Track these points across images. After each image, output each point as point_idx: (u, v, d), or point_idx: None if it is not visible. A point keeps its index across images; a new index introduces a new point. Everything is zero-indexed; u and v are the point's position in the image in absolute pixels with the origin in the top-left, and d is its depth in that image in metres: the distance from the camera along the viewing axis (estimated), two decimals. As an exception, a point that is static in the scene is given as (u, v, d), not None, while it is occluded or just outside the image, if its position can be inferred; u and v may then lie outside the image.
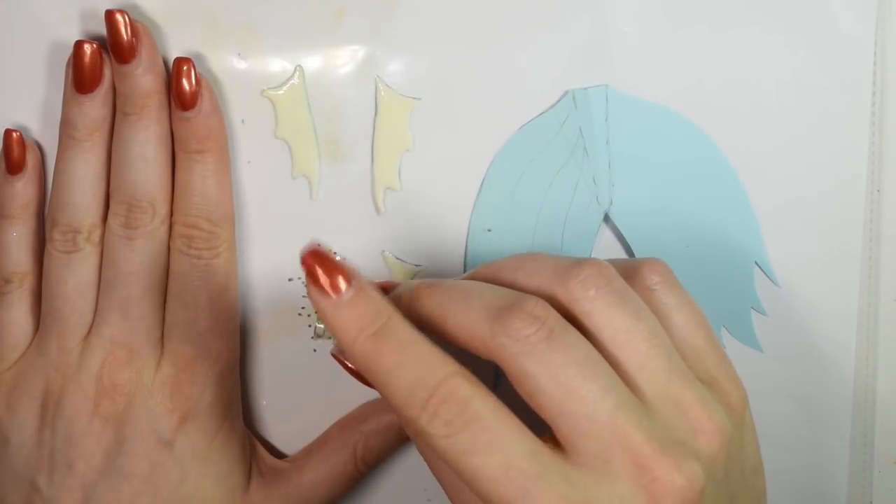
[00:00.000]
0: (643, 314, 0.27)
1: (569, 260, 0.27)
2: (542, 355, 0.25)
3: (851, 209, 0.35)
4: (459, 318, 0.26)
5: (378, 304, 0.26)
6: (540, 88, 0.34)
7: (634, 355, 0.26)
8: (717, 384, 0.28)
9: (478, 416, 0.25)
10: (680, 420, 0.26)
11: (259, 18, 0.34)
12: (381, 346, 0.26)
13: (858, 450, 0.37)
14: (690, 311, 0.28)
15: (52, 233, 0.33)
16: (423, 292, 0.28)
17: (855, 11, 0.34)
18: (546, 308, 0.26)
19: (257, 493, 0.34)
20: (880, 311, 0.36)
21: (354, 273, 0.27)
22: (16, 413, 0.33)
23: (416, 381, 0.25)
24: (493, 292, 0.27)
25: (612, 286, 0.27)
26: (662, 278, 0.28)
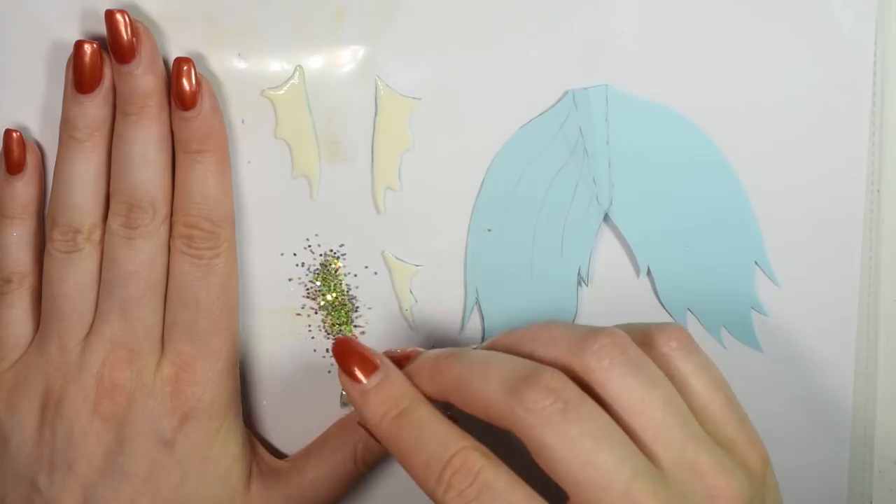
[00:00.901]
0: (658, 382, 0.27)
1: (584, 330, 0.28)
2: (559, 427, 0.26)
3: (851, 209, 0.35)
4: (478, 390, 0.27)
5: (401, 390, 0.29)
6: (540, 88, 0.34)
7: (650, 423, 0.27)
8: (737, 447, 0.28)
9: (489, 484, 0.26)
10: (697, 486, 0.26)
11: (259, 18, 0.34)
12: (401, 426, 0.28)
13: (858, 450, 0.37)
14: (708, 376, 0.29)
15: (53, 233, 0.33)
16: (443, 363, 0.29)
17: (855, 11, 0.34)
18: (562, 380, 0.26)
19: (257, 493, 0.34)
20: (880, 311, 0.36)
21: (381, 360, 0.30)
22: (16, 413, 0.33)
23: (431, 457, 0.27)
24: (511, 363, 0.28)
25: (627, 355, 0.27)
26: (679, 344, 0.29)
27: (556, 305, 0.35)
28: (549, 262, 0.35)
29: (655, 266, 0.35)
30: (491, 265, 0.35)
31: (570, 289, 0.35)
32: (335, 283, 0.35)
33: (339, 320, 0.36)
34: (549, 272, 0.35)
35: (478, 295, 0.35)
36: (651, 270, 0.35)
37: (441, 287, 0.36)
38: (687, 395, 0.28)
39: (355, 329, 0.36)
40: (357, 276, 0.36)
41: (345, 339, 0.30)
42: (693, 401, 0.28)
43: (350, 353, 0.30)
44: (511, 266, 0.35)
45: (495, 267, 0.35)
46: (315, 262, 0.35)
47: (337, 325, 0.36)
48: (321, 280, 0.35)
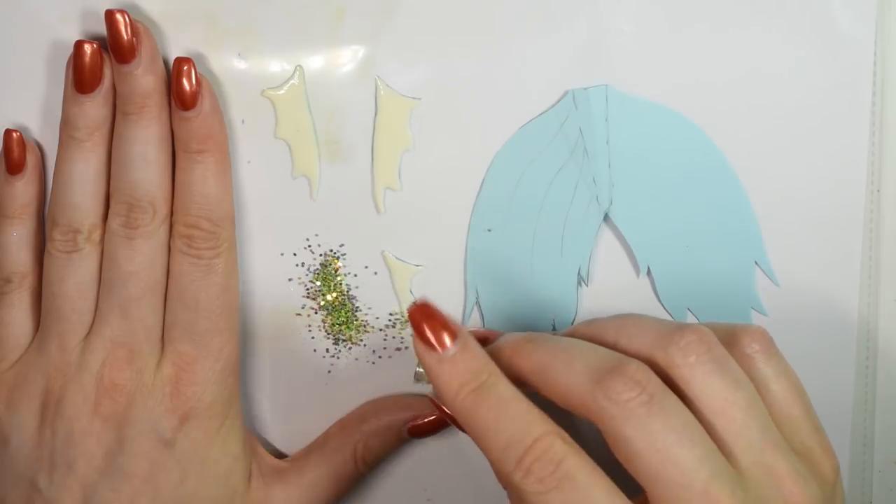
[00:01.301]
0: (741, 383, 0.27)
1: (671, 325, 0.28)
2: (641, 421, 0.26)
3: (851, 209, 0.35)
4: (560, 377, 0.27)
5: (480, 362, 0.28)
6: (540, 88, 0.34)
7: (731, 424, 0.26)
8: (811, 455, 0.28)
9: (570, 474, 0.25)
10: (773, 490, 0.26)
11: (259, 18, 0.34)
12: (480, 402, 0.27)
13: (858, 450, 0.37)
14: (788, 382, 0.29)
15: (53, 233, 0.33)
16: (525, 347, 0.29)
17: (855, 11, 0.34)
18: (647, 373, 0.26)
19: (257, 493, 0.34)
20: (880, 311, 0.36)
21: (460, 329, 0.28)
22: (16, 413, 0.33)
23: (512, 439, 0.26)
24: (595, 353, 0.28)
25: (713, 353, 0.27)
26: (762, 346, 0.29)
27: (556, 305, 0.35)
28: (549, 262, 0.35)
29: (655, 266, 0.35)
30: (491, 265, 0.35)
31: (570, 289, 0.35)
32: (335, 283, 0.35)
33: (339, 320, 0.36)
34: (549, 272, 0.35)
35: (478, 295, 0.35)
36: (651, 270, 0.35)
37: (441, 287, 0.36)
38: (766, 398, 0.28)
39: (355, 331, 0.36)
40: (357, 276, 0.36)
41: (424, 303, 0.29)
42: (772, 405, 0.28)
43: (429, 318, 0.28)
44: (511, 266, 0.35)
45: (495, 267, 0.35)
46: (315, 262, 0.35)
47: (337, 325, 0.36)
48: (321, 280, 0.35)
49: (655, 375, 0.26)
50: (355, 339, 0.36)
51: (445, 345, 0.28)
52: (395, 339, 0.36)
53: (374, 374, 0.36)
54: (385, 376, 0.36)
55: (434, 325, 0.28)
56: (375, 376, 0.36)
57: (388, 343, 0.36)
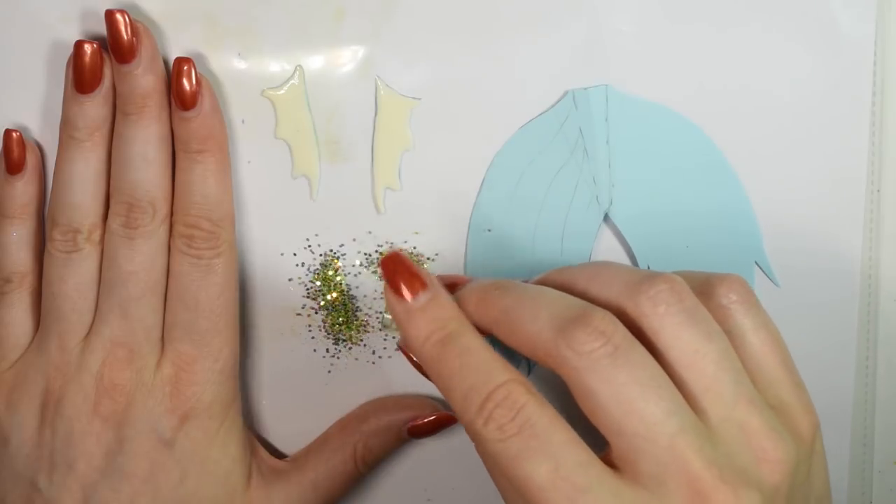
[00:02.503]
0: (713, 335, 0.26)
1: (641, 274, 0.27)
2: (606, 372, 0.25)
3: (851, 209, 0.35)
4: (525, 326, 0.27)
5: (448, 312, 0.28)
6: (540, 88, 0.34)
7: (701, 377, 0.26)
8: (788, 411, 0.27)
9: (531, 422, 0.25)
10: (744, 447, 0.25)
11: (259, 18, 0.34)
12: (445, 351, 0.27)
13: (858, 450, 0.37)
14: (767, 334, 0.28)
15: (53, 232, 0.33)
16: (492, 294, 0.28)
17: (855, 11, 0.34)
18: (613, 323, 0.25)
19: (257, 493, 0.34)
20: (880, 311, 0.36)
21: (430, 279, 0.28)
22: (16, 413, 0.33)
23: (473, 386, 0.26)
24: (562, 301, 0.27)
25: (684, 304, 0.26)
26: (740, 297, 0.28)
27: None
28: (549, 262, 0.35)
29: (655, 266, 0.35)
30: (491, 265, 0.35)
31: (570, 289, 0.35)
32: (335, 283, 0.35)
33: (338, 320, 0.36)
34: None
35: (478, 295, 0.35)
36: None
37: (441, 287, 0.36)
38: (742, 351, 0.27)
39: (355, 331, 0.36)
40: (357, 276, 0.36)
41: (395, 254, 0.29)
42: (748, 358, 0.27)
43: (399, 268, 0.28)
44: (511, 266, 0.35)
45: (495, 267, 0.35)
46: (315, 262, 0.35)
47: (337, 325, 0.36)
48: (321, 280, 0.35)
49: (622, 325, 0.26)
50: (355, 339, 0.36)
51: (415, 294, 0.28)
52: (395, 339, 0.36)
53: (374, 374, 0.36)
54: (385, 376, 0.36)
55: (405, 275, 0.28)
56: (375, 376, 0.36)
57: (388, 343, 0.36)
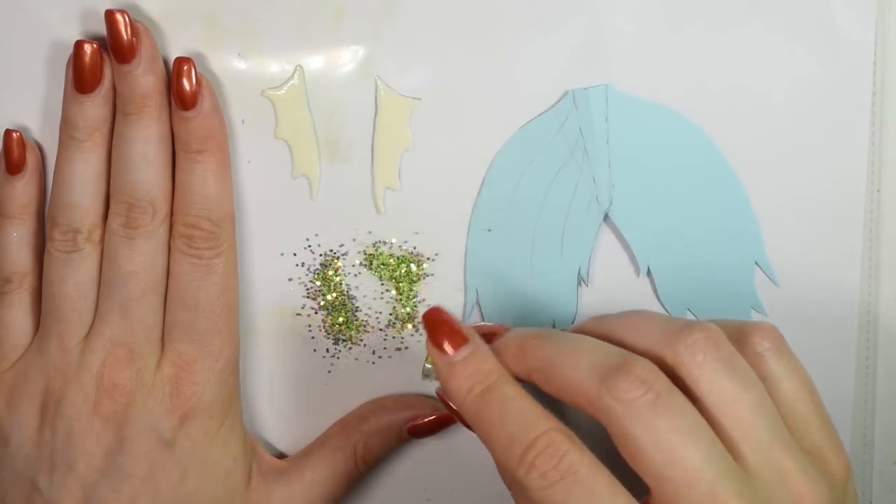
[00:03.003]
0: (750, 382, 0.27)
1: (679, 322, 0.28)
2: (647, 419, 0.25)
3: (851, 209, 0.35)
4: (566, 374, 0.27)
5: (488, 365, 0.29)
6: (540, 88, 0.34)
7: (738, 424, 0.26)
8: (821, 455, 0.28)
9: (573, 469, 0.25)
10: (781, 491, 0.26)
11: (259, 18, 0.34)
12: (487, 402, 0.28)
13: (858, 450, 0.37)
14: (799, 380, 0.28)
15: (53, 232, 0.33)
16: (531, 343, 0.29)
17: (855, 11, 0.34)
18: (654, 371, 0.26)
19: (257, 493, 0.34)
20: (880, 311, 0.36)
21: (471, 334, 0.29)
22: (16, 413, 0.33)
23: (515, 435, 0.26)
24: (602, 350, 0.27)
25: (721, 353, 0.27)
26: (772, 345, 0.28)
27: (556, 305, 0.35)
28: (549, 262, 0.35)
29: (655, 266, 0.35)
30: (491, 265, 0.35)
31: (570, 289, 0.35)
32: (335, 283, 0.35)
33: (338, 320, 0.36)
34: (549, 272, 0.35)
35: (478, 295, 0.35)
36: (651, 270, 0.35)
37: (441, 287, 0.36)
38: (776, 397, 0.28)
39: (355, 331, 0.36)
40: (357, 276, 0.36)
41: (436, 309, 0.30)
42: (781, 403, 0.28)
43: (440, 323, 0.29)
44: (511, 266, 0.35)
45: (495, 267, 0.35)
46: (315, 262, 0.35)
47: (337, 325, 0.36)
48: (321, 280, 0.35)
49: (662, 374, 0.26)
50: (355, 339, 0.36)
51: (456, 349, 0.29)
52: (395, 339, 0.36)
53: (374, 374, 0.36)
54: (385, 376, 0.36)
55: (446, 330, 0.29)
56: (375, 376, 0.36)
57: (388, 343, 0.36)
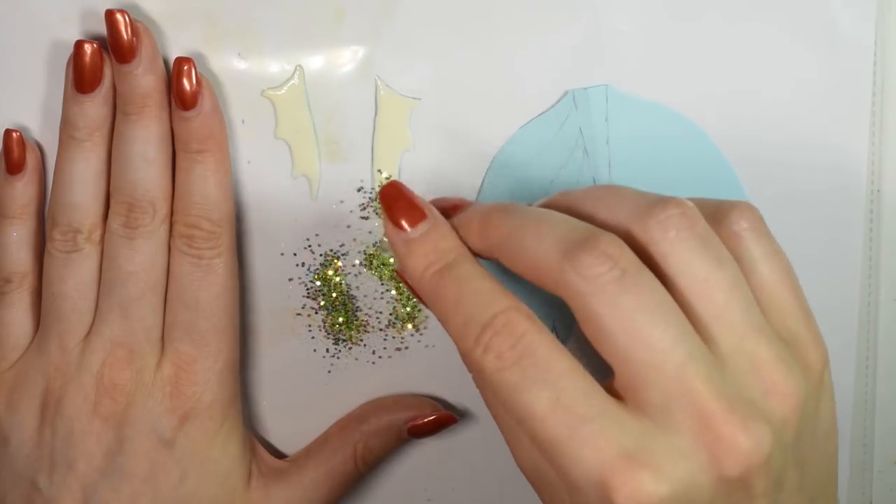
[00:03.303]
0: (724, 262, 0.25)
1: (651, 197, 0.26)
2: (612, 297, 0.24)
3: (851, 209, 0.35)
4: (529, 249, 0.26)
5: (446, 242, 0.27)
6: (540, 88, 0.34)
7: (710, 305, 0.25)
8: (797, 342, 0.26)
9: (531, 350, 0.24)
10: (753, 378, 0.24)
11: (259, 19, 0.34)
12: (444, 281, 0.26)
13: (858, 450, 0.37)
14: (778, 263, 0.27)
15: (53, 232, 0.33)
16: (495, 217, 0.27)
17: (855, 11, 0.34)
18: (621, 247, 0.24)
19: (257, 493, 0.34)
20: (880, 311, 0.36)
21: (430, 210, 0.28)
22: (16, 413, 0.33)
23: (472, 315, 0.25)
24: (567, 224, 0.26)
25: (694, 230, 0.25)
26: (751, 224, 0.27)
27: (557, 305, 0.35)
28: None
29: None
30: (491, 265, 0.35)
31: (570, 289, 0.35)
32: (335, 283, 0.35)
33: (338, 320, 0.36)
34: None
35: (478, 295, 0.35)
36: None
37: (441, 287, 0.36)
38: (753, 280, 0.26)
39: (355, 331, 0.36)
40: (357, 276, 0.36)
41: (395, 183, 0.28)
42: (758, 287, 0.26)
43: (398, 198, 0.28)
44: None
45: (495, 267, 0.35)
46: (315, 262, 0.35)
47: (337, 325, 0.36)
48: (321, 280, 0.35)
49: (630, 250, 0.25)
50: (355, 339, 0.36)
51: (415, 224, 0.28)
52: (395, 339, 0.36)
53: (374, 374, 0.36)
54: (385, 376, 0.36)
55: (403, 205, 0.28)
56: (375, 376, 0.36)
57: (388, 343, 0.36)
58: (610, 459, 0.23)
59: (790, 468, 0.25)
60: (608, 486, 0.23)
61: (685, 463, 0.23)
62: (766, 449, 0.24)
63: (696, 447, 0.23)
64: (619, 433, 0.23)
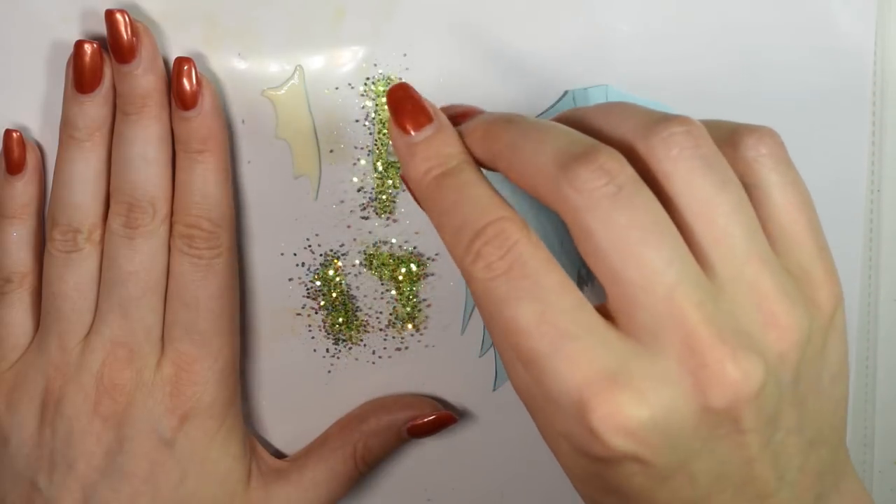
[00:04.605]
0: (729, 185, 0.24)
1: (658, 114, 0.25)
2: (606, 213, 0.23)
3: (851, 209, 0.35)
4: (528, 161, 0.25)
5: (451, 147, 0.26)
6: (540, 88, 0.34)
7: (710, 228, 0.23)
8: (808, 278, 0.25)
9: (520, 261, 0.23)
10: (751, 308, 0.23)
11: (259, 18, 0.34)
12: (443, 186, 0.25)
13: (858, 450, 0.37)
14: (795, 193, 0.25)
15: (53, 232, 0.33)
16: (498, 126, 0.26)
17: (855, 11, 0.34)
18: (620, 162, 0.23)
19: (257, 493, 0.35)
20: (880, 311, 0.36)
21: (436, 113, 0.27)
22: (16, 413, 0.33)
23: (465, 221, 0.24)
24: (569, 137, 0.25)
25: (700, 150, 0.24)
26: (770, 150, 0.25)
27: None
28: (549, 262, 0.35)
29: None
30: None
31: (570, 289, 0.35)
32: (335, 283, 0.36)
33: (338, 320, 0.36)
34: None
35: (478, 295, 0.35)
36: (651, 270, 0.35)
37: (441, 287, 0.36)
38: (765, 208, 0.25)
39: (355, 331, 0.36)
40: (357, 276, 0.36)
41: (403, 85, 0.27)
42: (770, 218, 0.25)
43: (404, 100, 0.27)
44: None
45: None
46: (315, 262, 0.35)
47: (337, 325, 0.36)
48: (321, 280, 0.35)
49: (629, 166, 0.23)
50: (355, 339, 0.36)
51: (420, 127, 0.27)
52: (394, 339, 0.36)
53: (374, 374, 0.36)
54: (385, 376, 0.36)
55: (410, 107, 0.27)
56: (375, 376, 0.36)
57: (388, 343, 0.36)
58: (590, 379, 0.22)
59: (788, 407, 0.24)
60: (586, 406, 0.22)
61: (668, 389, 0.23)
62: (755, 382, 0.23)
63: (680, 372, 0.22)
64: (602, 353, 0.23)
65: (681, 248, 0.23)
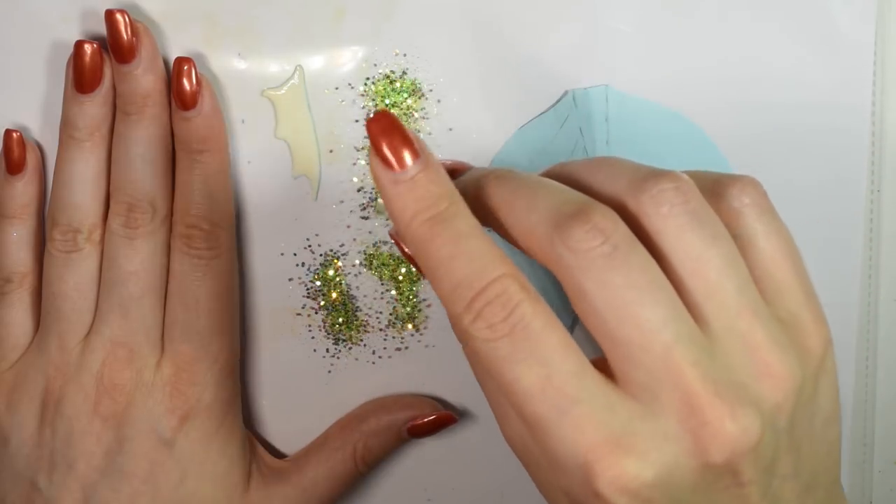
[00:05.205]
0: (719, 240, 0.24)
1: (647, 170, 0.25)
2: (601, 273, 0.23)
3: (851, 209, 0.35)
4: (521, 219, 0.24)
5: (442, 188, 0.25)
6: (540, 88, 0.34)
7: (702, 284, 0.24)
8: (797, 324, 0.25)
9: (524, 322, 0.23)
10: (745, 360, 0.24)
11: (259, 18, 0.34)
12: (436, 233, 0.24)
13: (858, 450, 0.37)
14: (779, 240, 0.25)
15: (53, 232, 0.33)
16: (491, 182, 0.26)
17: (855, 11, 0.34)
18: (614, 220, 0.23)
19: (257, 493, 0.34)
20: (880, 311, 0.36)
21: (423, 148, 0.25)
22: (16, 413, 0.33)
23: (464, 278, 0.23)
24: (561, 195, 0.24)
25: (689, 205, 0.24)
26: (753, 200, 0.25)
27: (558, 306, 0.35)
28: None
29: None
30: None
31: (570, 289, 0.35)
32: (335, 283, 0.36)
33: (338, 320, 0.36)
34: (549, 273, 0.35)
35: (478, 295, 0.35)
36: (651, 270, 0.35)
37: (441, 287, 0.36)
38: (752, 258, 0.25)
39: (355, 331, 0.36)
40: (357, 276, 0.36)
41: (386, 113, 0.25)
42: (757, 266, 0.25)
43: (389, 131, 0.25)
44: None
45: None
46: (315, 262, 0.35)
47: (337, 325, 0.36)
48: (321, 280, 0.35)
49: (623, 224, 0.23)
50: (355, 339, 0.36)
51: (405, 163, 0.24)
52: (395, 339, 0.36)
53: (374, 374, 0.36)
54: (385, 376, 0.36)
55: (394, 140, 0.25)
56: (375, 376, 0.36)
57: (388, 343, 0.36)
58: (595, 443, 0.23)
59: (784, 454, 0.24)
60: (591, 471, 0.23)
61: (670, 447, 0.23)
62: (753, 435, 0.23)
63: (681, 432, 0.23)
64: (606, 417, 0.23)
65: (676, 306, 0.23)
